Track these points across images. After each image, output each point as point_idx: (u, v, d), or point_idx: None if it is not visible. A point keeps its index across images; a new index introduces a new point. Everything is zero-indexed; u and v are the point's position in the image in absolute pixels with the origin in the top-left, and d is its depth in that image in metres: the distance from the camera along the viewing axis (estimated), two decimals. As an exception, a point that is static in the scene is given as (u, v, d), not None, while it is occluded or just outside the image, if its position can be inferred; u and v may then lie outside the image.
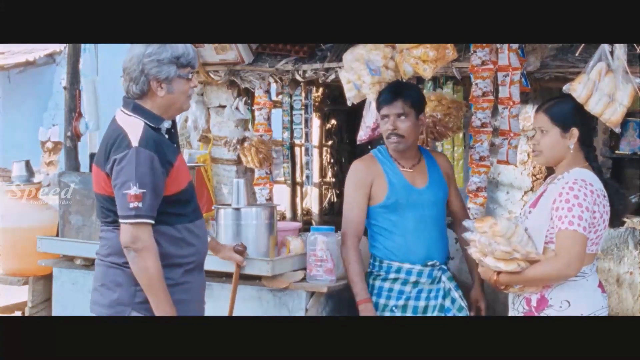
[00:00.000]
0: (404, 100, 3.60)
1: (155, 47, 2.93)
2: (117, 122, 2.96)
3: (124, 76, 2.98)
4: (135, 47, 2.97)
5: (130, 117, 2.94)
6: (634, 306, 4.77)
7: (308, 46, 5.26)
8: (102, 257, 3.02)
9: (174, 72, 2.94)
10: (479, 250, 3.02)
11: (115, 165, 2.84)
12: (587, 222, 2.89)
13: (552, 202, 2.96)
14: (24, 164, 5.20)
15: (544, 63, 4.54)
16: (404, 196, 3.62)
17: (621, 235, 4.87)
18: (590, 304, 2.98)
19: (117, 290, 2.94)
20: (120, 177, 2.82)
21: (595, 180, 3.00)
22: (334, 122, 7.72)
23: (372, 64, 3.83)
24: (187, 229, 2.99)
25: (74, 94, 5.38)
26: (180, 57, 2.96)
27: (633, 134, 6.28)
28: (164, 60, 2.92)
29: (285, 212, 7.26)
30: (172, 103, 3.00)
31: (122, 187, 2.81)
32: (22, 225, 4.97)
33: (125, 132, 2.88)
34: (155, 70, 2.92)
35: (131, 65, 2.94)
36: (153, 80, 2.93)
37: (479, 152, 4.32)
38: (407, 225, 3.61)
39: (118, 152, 2.84)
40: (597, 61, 3.21)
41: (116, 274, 2.95)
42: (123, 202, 2.82)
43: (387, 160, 3.69)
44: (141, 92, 2.95)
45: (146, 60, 2.92)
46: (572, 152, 3.06)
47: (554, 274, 2.93)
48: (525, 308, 3.04)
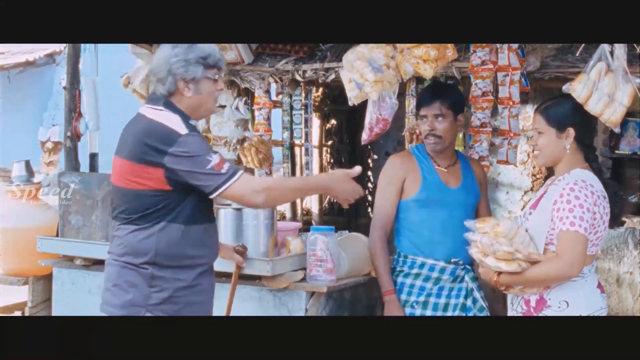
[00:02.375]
0: (442, 102, 3.64)
1: (182, 47, 2.95)
2: (149, 117, 2.92)
3: (151, 78, 3.00)
4: (162, 49, 2.98)
5: (163, 112, 2.92)
6: (634, 306, 4.77)
7: (308, 46, 5.26)
8: (115, 257, 2.98)
9: (200, 73, 2.95)
10: (480, 251, 3.02)
11: (175, 157, 2.81)
12: (588, 222, 2.89)
13: (553, 203, 2.96)
14: (23, 164, 5.20)
15: (544, 63, 4.54)
16: (436, 193, 3.65)
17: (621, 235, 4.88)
18: (589, 305, 2.98)
19: (131, 291, 2.91)
20: (191, 161, 2.80)
21: (596, 182, 3.00)
22: (334, 122, 7.73)
23: (374, 62, 3.83)
24: (204, 230, 2.99)
25: (74, 94, 5.38)
26: (207, 57, 2.97)
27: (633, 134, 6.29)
28: (190, 60, 2.93)
29: (285, 212, 7.26)
30: (200, 104, 3.00)
31: (202, 165, 2.80)
32: (22, 225, 4.96)
33: (166, 125, 2.86)
34: (182, 70, 2.93)
35: (158, 66, 2.95)
36: (180, 80, 2.94)
37: (478, 152, 4.32)
38: (435, 222, 3.64)
39: (169, 144, 2.81)
40: (597, 61, 3.21)
41: (131, 274, 2.92)
42: (213, 175, 2.80)
43: (424, 157, 3.74)
44: (168, 93, 2.95)
45: (173, 60, 2.93)
46: (570, 152, 3.06)
47: (556, 274, 2.93)
48: (524, 308, 3.04)
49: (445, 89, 3.78)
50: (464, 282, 3.65)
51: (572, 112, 3.11)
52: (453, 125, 3.69)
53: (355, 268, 4.07)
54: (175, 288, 2.91)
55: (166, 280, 2.90)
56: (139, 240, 2.90)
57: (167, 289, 2.91)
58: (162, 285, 2.90)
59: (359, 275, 4.12)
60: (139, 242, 2.90)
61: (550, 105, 3.14)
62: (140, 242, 2.90)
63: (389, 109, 4.25)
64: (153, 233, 2.89)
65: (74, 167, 5.31)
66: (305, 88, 5.45)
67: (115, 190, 3.01)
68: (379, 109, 4.27)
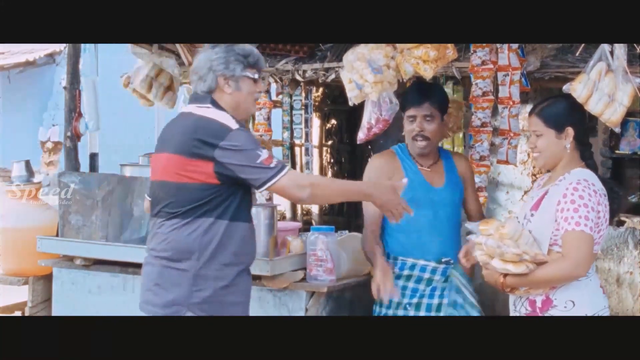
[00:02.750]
0: (432, 102, 3.60)
1: (222, 46, 3.01)
2: (197, 114, 2.96)
3: (192, 77, 3.05)
4: (204, 51, 3.06)
5: (211, 109, 2.96)
6: (634, 306, 4.77)
7: (308, 46, 5.27)
8: (157, 253, 2.98)
9: (240, 70, 3.00)
10: (486, 253, 2.98)
11: (226, 150, 2.85)
12: (592, 222, 2.88)
13: (557, 203, 2.94)
14: (23, 164, 5.20)
15: (544, 63, 4.55)
16: (421, 193, 3.62)
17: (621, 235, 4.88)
18: (594, 304, 2.97)
19: (173, 291, 2.92)
20: (241, 155, 2.85)
21: (596, 180, 3.00)
22: (334, 122, 7.73)
23: (374, 62, 3.83)
24: (249, 228, 3.04)
25: (74, 94, 5.38)
26: (248, 56, 3.03)
27: (633, 133, 6.29)
28: (230, 57, 2.99)
29: (285, 212, 7.26)
30: (240, 102, 3.04)
31: (252, 159, 2.85)
32: (22, 225, 4.96)
33: (217, 119, 2.91)
34: (222, 66, 2.98)
35: (199, 65, 3.01)
36: (220, 77, 2.99)
37: (479, 152, 4.32)
38: (423, 222, 3.60)
39: (220, 138, 2.85)
40: (597, 61, 3.21)
41: (174, 273, 2.92)
42: (262, 169, 2.85)
43: (407, 158, 3.70)
44: (209, 89, 3.00)
45: (214, 57, 2.99)
46: (569, 152, 3.04)
47: (564, 274, 2.90)
48: (528, 309, 3.01)
49: (432, 89, 3.73)
50: (454, 279, 3.64)
51: (569, 111, 3.08)
52: (441, 126, 3.65)
53: (355, 268, 4.07)
54: (216, 287, 2.92)
55: (208, 278, 2.90)
56: (184, 236, 2.91)
57: (208, 288, 2.91)
58: (204, 284, 2.91)
59: (359, 275, 4.12)
60: (184, 238, 2.91)
61: (545, 106, 3.10)
62: (185, 238, 2.90)
63: (390, 110, 4.24)
64: (198, 228, 2.90)
65: (74, 167, 5.31)
66: (305, 88, 5.46)
67: (158, 186, 3.02)
68: (380, 109, 4.27)
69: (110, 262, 4.37)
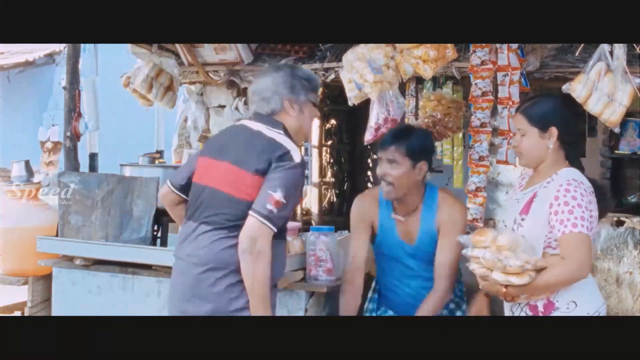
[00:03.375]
0: (398, 147, 3.41)
1: (287, 70, 3.08)
2: (270, 136, 2.99)
3: (253, 98, 3.09)
4: (266, 71, 3.14)
5: (282, 136, 3.01)
6: (634, 306, 4.77)
7: (308, 46, 5.27)
8: (197, 263, 2.98)
9: (304, 95, 3.07)
10: (484, 266, 2.91)
11: (274, 170, 2.90)
12: (588, 221, 2.85)
13: (549, 206, 2.89)
14: (23, 164, 5.20)
15: (544, 63, 4.55)
16: (387, 248, 3.61)
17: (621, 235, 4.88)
18: (594, 302, 2.96)
19: (210, 301, 2.94)
20: (274, 181, 2.89)
21: (585, 179, 2.95)
22: (334, 122, 7.72)
23: (373, 62, 3.83)
24: (281, 245, 3.07)
25: (74, 94, 5.38)
26: (311, 80, 3.09)
27: (632, 133, 6.29)
28: (295, 82, 3.05)
29: (285, 212, 7.25)
30: (301, 126, 3.10)
31: (270, 188, 2.88)
32: (22, 225, 4.96)
33: (285, 147, 2.95)
34: (287, 90, 3.04)
35: (264, 86, 3.06)
36: (286, 100, 3.03)
37: (478, 152, 4.32)
38: (395, 270, 3.63)
39: (280, 162, 2.91)
40: (596, 61, 3.22)
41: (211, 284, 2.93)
42: (263, 200, 2.87)
43: (386, 204, 3.60)
44: (272, 112, 3.04)
45: (280, 80, 3.04)
46: (553, 152, 2.99)
47: (568, 278, 2.86)
48: (530, 314, 2.98)
49: (405, 134, 3.49)
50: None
51: (554, 111, 3.01)
52: (410, 173, 3.42)
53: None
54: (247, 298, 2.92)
55: (243, 288, 2.91)
56: (225, 248, 2.92)
57: (242, 297, 2.92)
58: (240, 292, 2.92)
59: (359, 275, 4.12)
60: (225, 249, 2.92)
61: (531, 104, 3.05)
62: (226, 250, 2.92)
63: (397, 109, 4.24)
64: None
65: (73, 167, 5.31)
66: (305, 88, 5.45)
67: (209, 193, 3.01)
68: (387, 109, 4.26)
69: (110, 262, 4.37)
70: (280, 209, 2.86)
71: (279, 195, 2.85)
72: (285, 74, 3.05)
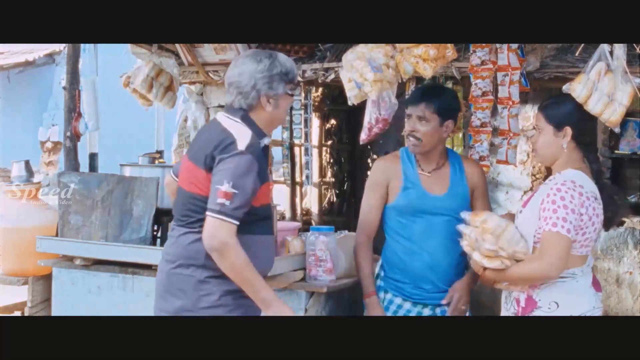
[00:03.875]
0: (428, 104, 3.51)
1: (266, 63, 3.00)
2: (223, 126, 3.00)
3: (230, 90, 3.04)
4: (245, 62, 3.02)
5: (238, 124, 2.99)
6: (634, 306, 4.77)
7: (308, 46, 5.27)
8: (168, 258, 3.04)
9: (282, 89, 3.03)
10: (469, 244, 3.06)
11: (218, 163, 2.90)
12: (571, 224, 2.88)
13: (541, 202, 2.96)
14: (23, 164, 5.20)
15: (544, 63, 4.55)
16: (415, 201, 3.56)
17: (621, 235, 4.88)
18: (580, 306, 2.97)
19: (182, 297, 2.96)
20: (219, 175, 2.88)
21: (587, 182, 2.98)
22: (334, 122, 7.72)
23: (373, 61, 3.83)
24: (258, 241, 3.03)
25: (74, 94, 5.38)
26: (289, 73, 3.04)
27: (632, 133, 6.29)
28: (275, 76, 3.00)
29: (285, 212, 7.26)
30: (275, 118, 3.09)
31: (217, 182, 2.87)
32: (21, 225, 4.96)
33: (233, 136, 2.93)
34: (266, 86, 2.99)
35: (242, 80, 3.00)
36: (263, 96, 3.00)
37: (478, 152, 4.31)
38: (415, 229, 3.56)
39: (224, 153, 2.90)
40: (596, 61, 3.21)
41: (181, 279, 2.96)
42: (213, 195, 2.87)
43: (410, 162, 3.63)
44: (249, 107, 3.02)
45: (259, 76, 2.98)
46: (568, 151, 3.05)
47: (535, 274, 2.94)
48: (516, 308, 3.05)
49: (435, 92, 3.64)
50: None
51: (570, 111, 3.10)
52: (437, 130, 3.53)
53: (353, 267, 4.06)
54: (223, 291, 2.93)
55: (214, 284, 2.92)
56: (192, 243, 2.95)
57: (215, 292, 2.93)
58: (211, 289, 2.93)
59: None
60: (191, 245, 2.95)
61: (550, 103, 3.14)
62: (192, 245, 2.94)
63: (389, 109, 4.24)
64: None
65: (73, 167, 5.31)
66: (305, 88, 5.46)
67: (180, 192, 3.08)
68: (379, 108, 4.26)
69: (110, 262, 4.38)
70: (232, 200, 2.84)
71: (226, 187, 2.83)
72: (264, 68, 2.98)
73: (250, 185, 2.88)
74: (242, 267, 2.87)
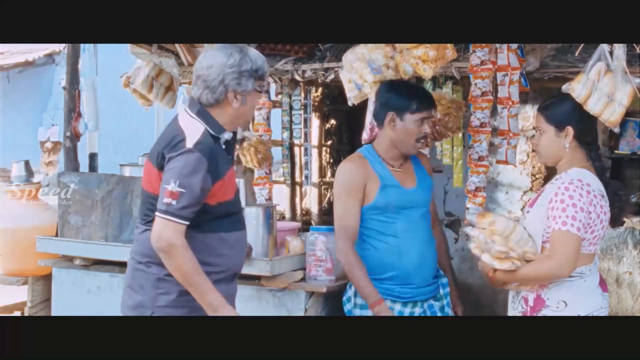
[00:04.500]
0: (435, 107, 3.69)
1: (237, 58, 2.93)
2: (178, 122, 2.97)
3: (198, 82, 2.96)
4: (215, 55, 2.96)
5: (193, 120, 2.95)
6: (634, 306, 4.77)
7: (307, 46, 5.26)
8: (133, 255, 3.04)
9: (251, 85, 2.97)
10: (477, 247, 3.05)
11: (168, 162, 2.87)
12: (581, 222, 2.89)
13: (549, 201, 2.97)
14: (23, 164, 5.20)
15: (543, 63, 4.54)
16: (395, 197, 3.56)
17: (620, 235, 4.89)
18: (588, 305, 2.98)
19: (140, 293, 2.96)
20: (167, 173, 2.85)
21: (593, 181, 3.00)
22: (333, 122, 7.72)
23: (373, 62, 3.83)
24: (222, 239, 2.99)
25: (74, 94, 5.39)
26: (259, 70, 2.98)
27: (632, 133, 6.28)
28: (244, 72, 2.94)
29: (285, 212, 7.26)
30: (242, 115, 3.02)
31: (164, 181, 2.84)
32: (21, 225, 4.97)
33: (183, 133, 2.89)
34: (235, 82, 2.93)
35: (210, 73, 2.93)
36: (231, 92, 2.94)
37: (478, 152, 4.31)
38: (398, 226, 3.55)
39: (172, 151, 2.86)
40: (596, 61, 3.21)
41: (141, 275, 2.96)
42: (161, 195, 2.84)
43: (376, 160, 3.61)
44: (215, 102, 2.96)
45: (228, 70, 2.92)
46: (571, 151, 3.06)
47: (547, 273, 2.95)
48: (524, 307, 3.05)
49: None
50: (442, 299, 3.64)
51: (571, 111, 3.11)
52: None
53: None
54: (180, 291, 2.91)
55: (172, 283, 2.90)
56: (145, 240, 2.93)
57: (172, 292, 2.92)
58: (169, 288, 2.92)
59: (359, 275, 4.11)
60: (145, 240, 2.93)
61: (550, 104, 3.15)
62: (147, 241, 2.92)
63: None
64: None
65: (73, 167, 5.32)
66: (304, 88, 5.45)
67: (141, 191, 3.08)
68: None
69: (110, 262, 4.38)
70: (179, 200, 2.80)
71: (172, 187, 2.80)
72: (234, 63, 2.92)
73: (198, 184, 2.83)
74: (188, 269, 2.83)
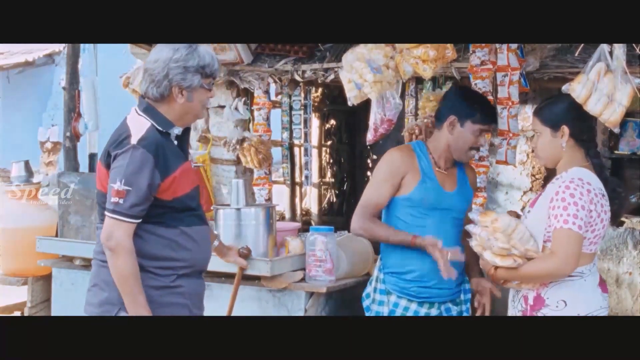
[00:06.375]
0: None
1: (183, 53, 2.91)
2: (126, 121, 2.96)
3: (145, 77, 2.95)
4: (162, 50, 2.94)
5: (139, 117, 2.93)
6: (633, 306, 4.77)
7: (307, 46, 5.26)
8: (95, 255, 3.02)
9: (197, 82, 2.93)
10: (479, 244, 3.05)
11: (113, 160, 2.86)
12: (582, 220, 2.90)
13: (550, 200, 2.98)
14: (23, 164, 5.21)
15: (543, 63, 4.54)
16: (431, 195, 3.56)
17: (620, 235, 4.88)
18: (588, 304, 2.99)
19: (106, 290, 2.93)
20: (112, 171, 2.84)
21: (594, 179, 3.01)
22: (333, 122, 7.73)
23: (373, 62, 3.83)
24: (183, 233, 2.96)
25: (73, 94, 5.39)
26: (206, 66, 2.94)
27: (632, 134, 6.29)
28: (190, 68, 2.91)
29: (285, 212, 7.26)
30: (188, 111, 2.99)
31: (111, 180, 2.83)
32: (21, 225, 4.97)
33: (129, 130, 2.88)
34: (179, 77, 2.90)
35: (156, 67, 2.91)
36: (175, 87, 2.91)
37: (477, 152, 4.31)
38: (427, 224, 3.54)
39: (118, 148, 2.85)
40: (596, 61, 3.21)
41: (106, 272, 2.91)
42: (108, 194, 2.83)
43: (425, 156, 3.63)
44: (160, 96, 2.93)
45: (173, 65, 2.90)
46: (568, 150, 3.07)
47: (549, 271, 2.95)
48: (523, 306, 3.06)
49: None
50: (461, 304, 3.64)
51: (565, 110, 3.11)
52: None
53: (354, 268, 4.07)
54: (149, 287, 2.88)
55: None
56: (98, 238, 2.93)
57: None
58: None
59: (358, 276, 4.12)
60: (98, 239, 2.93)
61: (543, 106, 3.17)
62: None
63: (393, 109, 4.23)
64: None
65: (73, 167, 5.32)
66: (304, 88, 5.45)
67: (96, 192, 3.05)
68: (383, 109, 4.26)
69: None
70: (126, 198, 2.79)
71: (117, 185, 2.79)
72: (180, 57, 2.90)
73: (144, 181, 2.81)
74: (129, 273, 2.81)
